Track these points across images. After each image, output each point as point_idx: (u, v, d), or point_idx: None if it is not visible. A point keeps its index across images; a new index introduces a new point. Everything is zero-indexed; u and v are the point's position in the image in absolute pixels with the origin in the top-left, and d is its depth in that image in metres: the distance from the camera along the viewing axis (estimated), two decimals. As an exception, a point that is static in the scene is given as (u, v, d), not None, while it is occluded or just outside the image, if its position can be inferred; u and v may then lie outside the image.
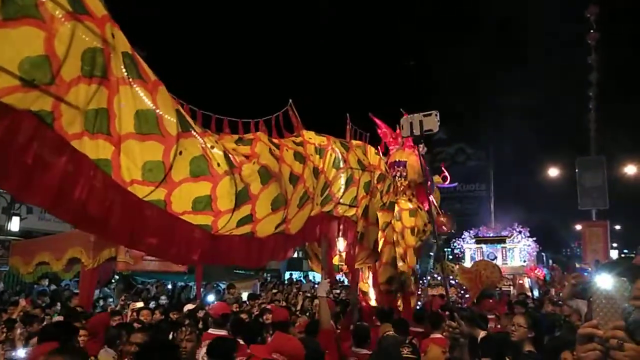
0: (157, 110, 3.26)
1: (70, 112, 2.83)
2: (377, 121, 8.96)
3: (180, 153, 3.41)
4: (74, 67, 2.77)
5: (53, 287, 13.53)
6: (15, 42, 2.51)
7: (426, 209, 8.81)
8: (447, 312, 6.17)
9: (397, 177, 8.44)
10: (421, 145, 8.91)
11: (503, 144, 34.98)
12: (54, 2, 2.65)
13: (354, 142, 6.60)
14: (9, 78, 2.50)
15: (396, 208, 8.25)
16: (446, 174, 11.08)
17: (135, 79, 3.14)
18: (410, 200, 8.61)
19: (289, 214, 4.70)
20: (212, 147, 3.75)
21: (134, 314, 7.87)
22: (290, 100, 5.38)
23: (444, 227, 14.93)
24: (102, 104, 2.98)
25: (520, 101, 28.28)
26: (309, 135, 5.47)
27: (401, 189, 8.58)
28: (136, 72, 3.15)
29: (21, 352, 5.38)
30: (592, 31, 16.51)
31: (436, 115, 6.08)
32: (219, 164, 3.76)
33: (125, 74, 3.08)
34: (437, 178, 10.80)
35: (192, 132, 3.57)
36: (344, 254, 6.53)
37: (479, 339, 4.82)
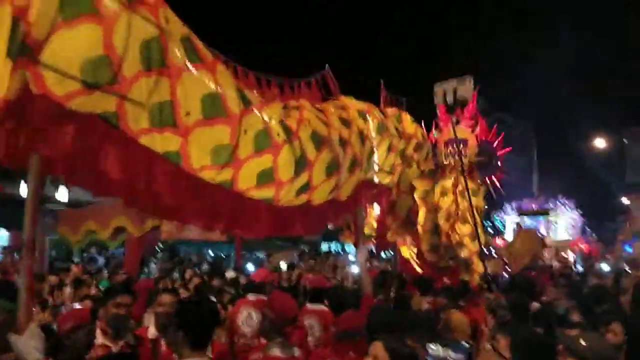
0: (220, 91, 3.22)
1: (135, 109, 2.80)
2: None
3: (245, 132, 3.42)
4: (135, 61, 2.70)
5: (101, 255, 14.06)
6: (74, 43, 2.44)
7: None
8: (485, 285, 6.07)
9: (457, 156, 7.91)
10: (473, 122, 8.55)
11: (546, 113, 33.86)
12: None
13: (388, 109, 6.45)
14: (71, 82, 2.46)
15: (460, 187, 7.92)
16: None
17: (196, 62, 3.07)
18: (472, 180, 8.29)
19: (340, 179, 4.68)
20: (271, 118, 3.74)
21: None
22: (327, 65, 5.27)
23: None
24: (165, 96, 2.92)
25: (564, 69, 27.17)
26: (349, 100, 5.37)
27: (460, 168, 8.20)
28: (196, 56, 3.08)
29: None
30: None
31: (470, 81, 5.85)
32: (278, 134, 3.76)
33: (186, 59, 3.00)
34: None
35: (253, 106, 3.55)
36: (374, 223, 6.46)
37: (531, 309, 4.78)
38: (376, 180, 5.81)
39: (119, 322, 3.24)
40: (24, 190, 7.78)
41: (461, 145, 7.93)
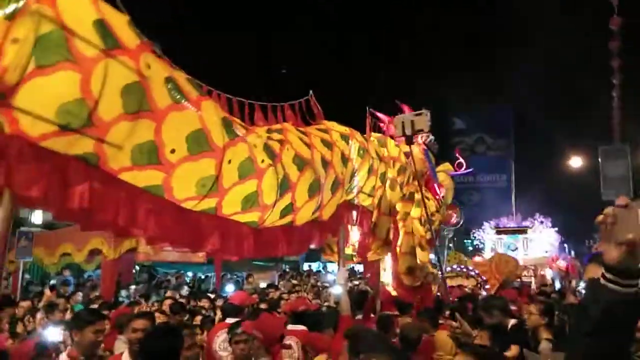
0: (205, 127, 3.29)
1: (114, 151, 2.83)
2: (380, 115, 8.84)
3: (230, 162, 3.50)
4: (114, 105, 2.71)
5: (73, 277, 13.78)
6: (51, 89, 2.46)
7: (437, 196, 8.73)
8: (447, 312, 6.12)
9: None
10: (425, 135, 8.84)
11: (524, 133, 34.59)
12: (85, 41, 2.55)
13: (373, 134, 6.56)
14: (47, 125, 2.48)
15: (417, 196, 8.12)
16: (461, 160, 10.82)
17: (180, 102, 3.13)
18: (417, 192, 8.49)
19: (323, 199, 4.76)
20: (255, 145, 3.83)
21: (156, 304, 7.97)
22: (311, 91, 5.36)
23: (452, 219, 14.76)
24: (148, 137, 2.96)
25: (541, 91, 27.88)
26: (331, 124, 5.48)
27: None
28: (180, 95, 3.13)
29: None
30: (614, 16, 16.09)
31: (426, 114, 6.10)
32: (262, 160, 3.85)
33: (171, 100, 3.06)
34: (447, 165, 10.55)
35: (239, 137, 3.64)
36: (356, 244, 6.53)
37: (509, 326, 4.89)
38: (357, 202, 5.87)
39: (92, 350, 3.20)
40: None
41: (407, 158, 8.16)
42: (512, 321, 5.26)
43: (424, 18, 29.98)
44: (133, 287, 11.87)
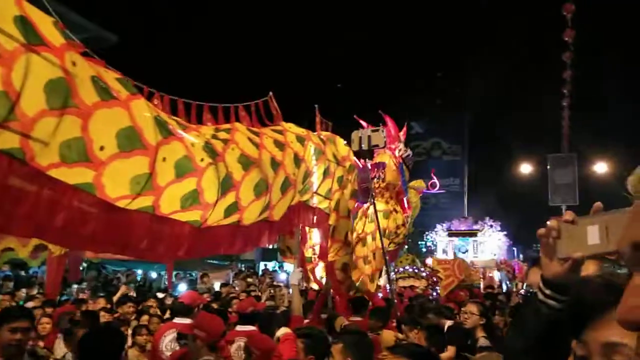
0: (136, 125, 3.25)
1: (41, 147, 2.76)
2: (388, 119, 8.91)
3: (164, 159, 3.47)
4: (37, 100, 2.66)
5: (22, 272, 13.24)
6: None
7: (405, 212, 8.88)
8: (394, 323, 6.19)
9: (376, 179, 8.37)
10: (403, 149, 8.98)
11: (478, 139, 35.55)
12: (6, 35, 2.50)
13: (324, 133, 6.58)
14: None
15: (371, 209, 8.23)
16: (435, 180, 11.02)
17: (109, 100, 3.09)
18: (387, 203, 8.62)
19: (272, 199, 4.75)
20: (193, 144, 3.80)
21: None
22: (271, 92, 5.33)
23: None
24: (75, 133, 2.90)
25: (495, 98, 28.73)
26: (289, 126, 5.47)
27: (378, 190, 8.52)
28: (108, 94, 3.10)
29: None
30: (568, 28, 16.72)
31: (382, 131, 6.27)
32: (202, 159, 3.82)
33: (98, 97, 3.01)
34: (419, 182, 10.71)
35: (173, 135, 3.60)
36: (316, 247, 6.52)
37: (445, 327, 5.01)
38: (313, 203, 5.88)
39: (12, 350, 3.07)
40: None
41: (380, 168, 8.26)
42: (449, 322, 5.42)
43: (384, 27, 30.41)
44: (75, 286, 11.49)
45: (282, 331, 4.09)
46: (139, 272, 16.45)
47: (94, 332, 3.42)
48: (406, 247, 22.35)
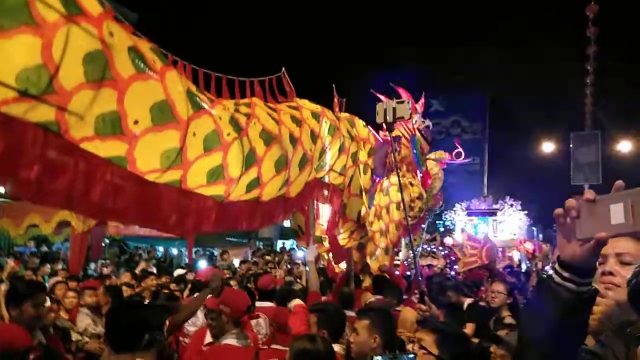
0: (169, 98, 3.24)
1: (76, 120, 2.75)
2: (401, 91, 8.78)
3: (194, 134, 3.46)
4: (76, 73, 2.63)
5: (44, 248, 13.56)
6: (11, 54, 2.37)
7: (424, 185, 8.82)
8: (417, 294, 6.22)
9: (393, 152, 8.29)
10: (419, 118, 8.86)
11: (499, 117, 34.98)
12: (46, 5, 2.45)
13: (342, 114, 6.52)
14: (6, 90, 2.39)
15: (385, 182, 8.22)
16: (460, 149, 10.80)
17: (144, 72, 3.05)
18: (403, 176, 8.55)
19: (290, 176, 4.75)
20: (220, 118, 3.79)
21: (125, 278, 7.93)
22: (284, 68, 5.27)
23: (437, 205, 14.94)
24: (111, 106, 2.89)
25: (516, 76, 28.15)
26: (303, 102, 5.43)
27: (394, 164, 8.45)
28: (144, 65, 3.06)
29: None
30: (592, 3, 16.25)
31: (408, 102, 6.18)
32: (228, 133, 3.82)
33: (134, 70, 2.98)
34: (440, 153, 10.53)
35: (203, 109, 3.59)
36: (325, 225, 6.48)
37: (465, 305, 5.00)
38: (327, 180, 5.85)
39: (34, 325, 3.18)
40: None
41: (397, 142, 8.18)
42: (468, 300, 5.40)
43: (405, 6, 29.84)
44: (100, 261, 11.73)
45: (294, 302, 4.13)
46: (160, 249, 16.73)
47: (118, 306, 3.49)
48: (424, 226, 22.35)
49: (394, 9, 30.02)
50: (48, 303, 3.99)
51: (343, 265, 7.03)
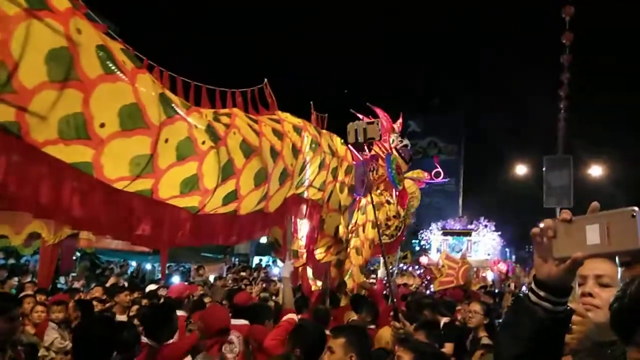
0: (140, 102, 3.06)
1: (38, 121, 2.58)
2: (379, 111, 8.91)
3: (167, 141, 3.29)
4: (37, 71, 2.48)
5: (12, 261, 13.18)
6: None
7: (401, 204, 8.89)
8: (391, 313, 6.22)
9: (370, 171, 8.42)
10: (396, 137, 8.96)
11: (474, 139, 35.64)
12: None
13: (321, 130, 6.55)
14: None
15: (363, 201, 8.27)
16: (439, 169, 10.90)
17: (113, 73, 2.89)
18: (380, 194, 8.65)
19: (270, 190, 4.63)
20: (196, 126, 3.62)
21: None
22: (266, 80, 5.25)
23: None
24: (75, 108, 2.72)
25: (493, 99, 28.82)
26: (285, 115, 5.39)
27: (373, 182, 8.54)
28: (114, 66, 2.89)
29: None
30: (567, 31, 16.74)
31: (378, 123, 6.29)
32: (204, 142, 3.65)
33: (102, 70, 2.81)
34: (419, 172, 10.63)
35: (177, 115, 3.41)
36: (303, 240, 6.44)
37: (441, 324, 5.00)
38: (306, 195, 5.83)
39: (6, 338, 3.08)
40: None
41: (374, 161, 8.30)
42: (445, 319, 5.42)
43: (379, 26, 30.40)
44: (71, 275, 11.43)
45: (288, 316, 4.05)
46: (133, 263, 16.40)
47: (88, 322, 3.41)
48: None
49: (372, 32, 30.54)
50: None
51: (319, 282, 6.99)
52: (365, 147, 7.97)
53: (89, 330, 2.62)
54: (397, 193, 8.95)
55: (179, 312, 4.88)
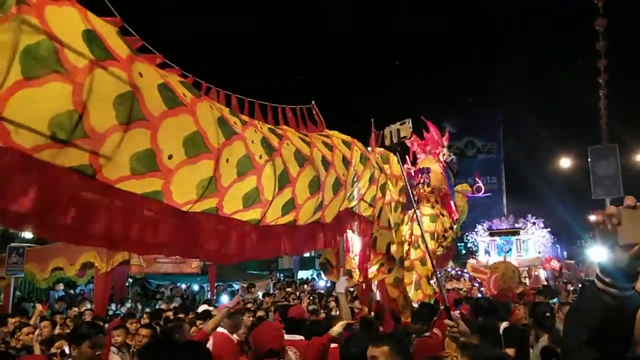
0: (201, 129, 3.26)
1: (110, 161, 2.78)
2: (431, 126, 8.99)
3: (227, 161, 3.49)
4: (107, 116, 2.66)
5: (66, 291, 13.63)
6: (42, 101, 2.40)
7: (452, 216, 8.87)
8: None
9: (420, 184, 8.45)
10: (447, 154, 8.98)
11: (513, 135, 34.86)
12: (75, 52, 2.49)
13: (377, 149, 6.57)
14: (39, 137, 2.42)
15: (418, 213, 8.19)
16: (480, 184, 11.00)
17: (175, 107, 3.08)
18: (433, 207, 8.66)
19: (324, 198, 4.73)
20: (252, 141, 3.81)
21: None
22: (313, 102, 5.34)
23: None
24: (145, 145, 2.91)
25: (529, 92, 28.14)
26: (333, 133, 5.49)
27: (424, 195, 8.63)
28: (175, 100, 3.09)
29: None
30: (599, 17, 16.28)
31: (409, 122, 6.28)
32: (260, 156, 3.83)
33: (165, 107, 3.00)
34: (464, 186, 10.69)
35: (235, 134, 3.61)
36: (356, 258, 6.40)
37: (501, 329, 4.83)
38: (357, 210, 5.82)
39: None
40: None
41: (424, 174, 8.30)
42: (504, 324, 5.22)
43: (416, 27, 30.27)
44: (128, 304, 11.73)
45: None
46: (182, 285, 16.71)
47: (155, 343, 3.48)
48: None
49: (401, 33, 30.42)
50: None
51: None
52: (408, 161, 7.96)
53: (155, 349, 2.64)
54: (448, 206, 8.94)
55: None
